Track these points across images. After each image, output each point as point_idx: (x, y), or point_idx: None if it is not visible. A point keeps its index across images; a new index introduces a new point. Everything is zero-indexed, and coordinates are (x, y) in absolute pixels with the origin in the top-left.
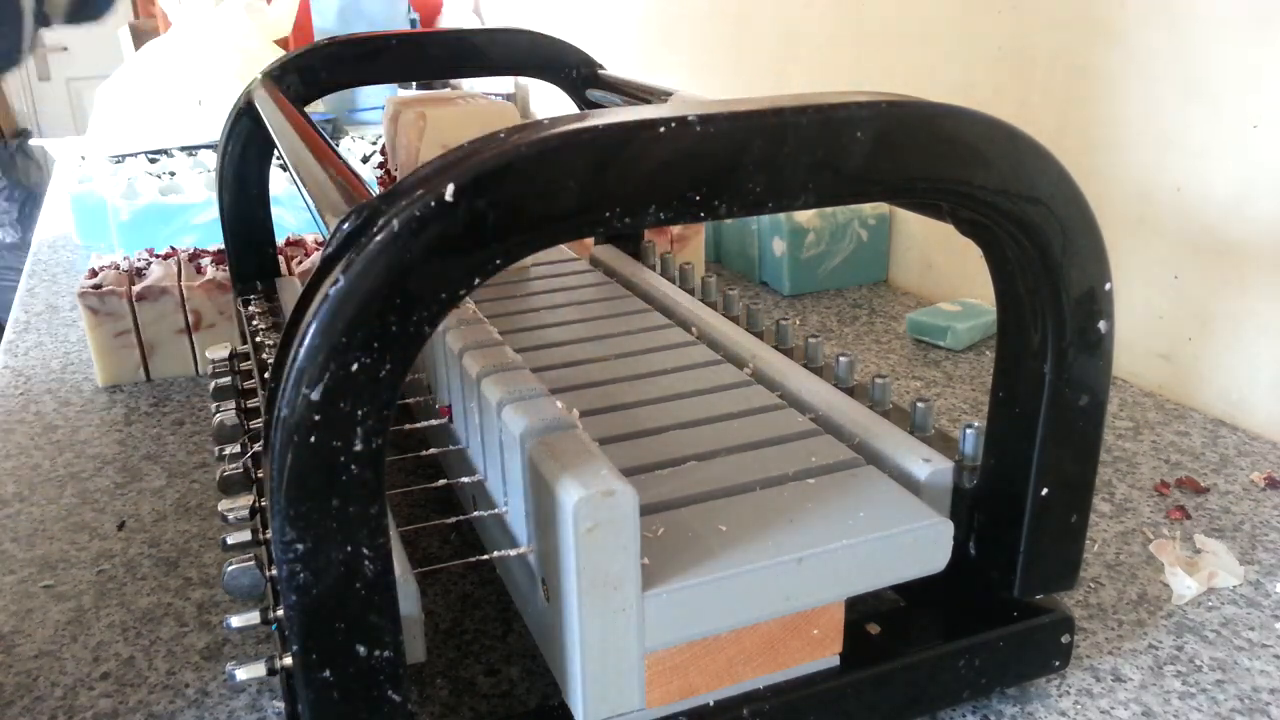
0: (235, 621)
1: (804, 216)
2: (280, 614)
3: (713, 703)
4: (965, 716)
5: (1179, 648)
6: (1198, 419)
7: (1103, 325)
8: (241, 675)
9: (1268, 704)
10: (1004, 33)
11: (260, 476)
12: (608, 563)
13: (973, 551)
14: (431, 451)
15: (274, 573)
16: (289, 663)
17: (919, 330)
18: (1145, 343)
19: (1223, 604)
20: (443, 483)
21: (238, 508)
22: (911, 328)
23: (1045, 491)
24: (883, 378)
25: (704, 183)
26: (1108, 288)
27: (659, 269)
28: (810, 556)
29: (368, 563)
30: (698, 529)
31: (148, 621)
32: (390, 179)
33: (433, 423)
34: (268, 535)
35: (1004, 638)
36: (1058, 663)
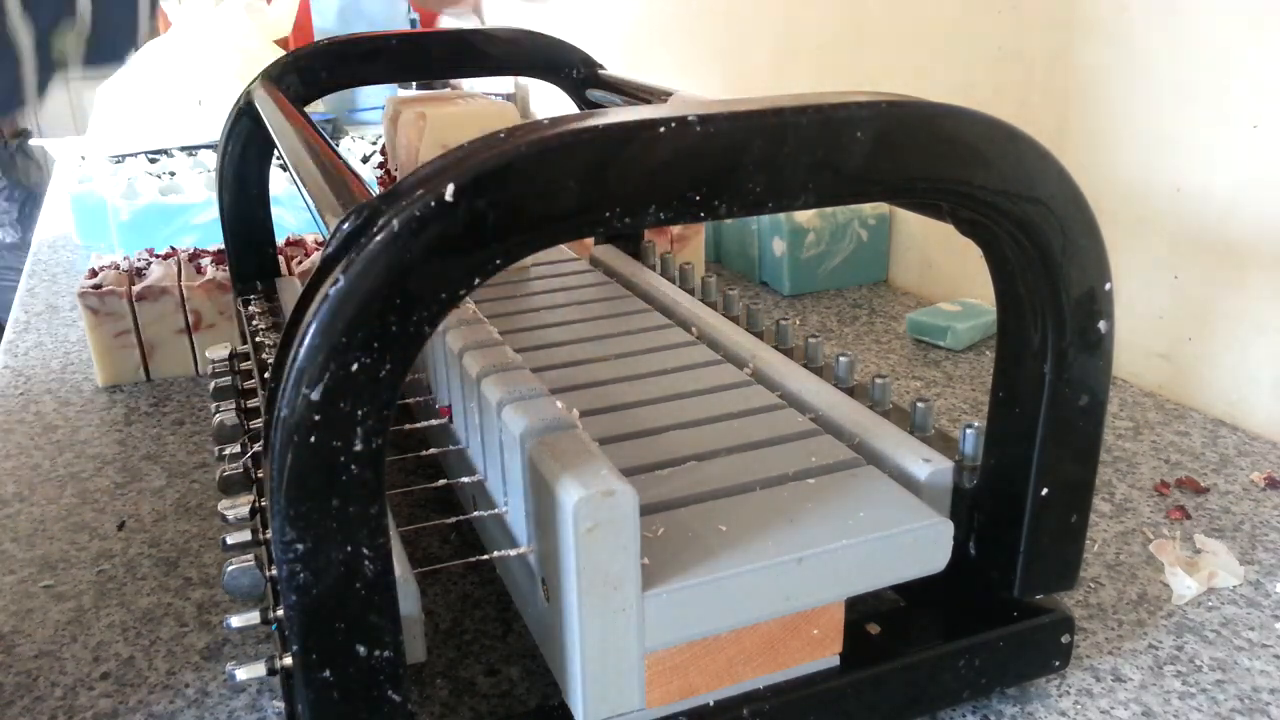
0: (235, 621)
1: (804, 216)
2: (280, 614)
3: (713, 703)
4: (965, 716)
5: (1179, 648)
6: (1198, 419)
7: (1103, 325)
8: (241, 675)
9: (1268, 704)
10: (1004, 33)
11: (260, 476)
12: (608, 563)
13: (973, 551)
14: (431, 451)
15: (274, 573)
16: (289, 663)
17: (919, 330)
18: (1145, 343)
19: (1223, 604)
20: (443, 483)
21: (238, 508)
22: (911, 328)
23: (1045, 491)
24: (883, 378)
25: (704, 183)
26: (1108, 288)
27: (659, 269)
28: (810, 556)
29: (368, 563)
30: (698, 529)
31: (148, 621)
32: (390, 179)
33: (433, 423)
34: (268, 535)
35: (1004, 638)
36: (1058, 663)
